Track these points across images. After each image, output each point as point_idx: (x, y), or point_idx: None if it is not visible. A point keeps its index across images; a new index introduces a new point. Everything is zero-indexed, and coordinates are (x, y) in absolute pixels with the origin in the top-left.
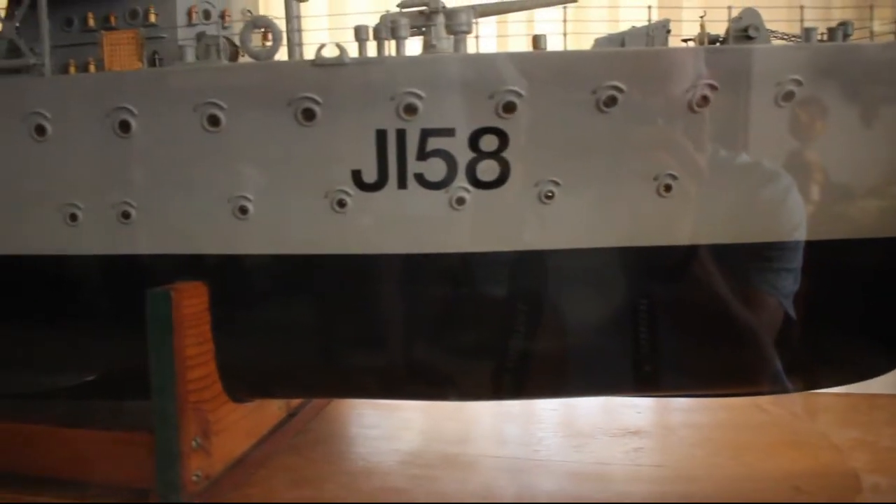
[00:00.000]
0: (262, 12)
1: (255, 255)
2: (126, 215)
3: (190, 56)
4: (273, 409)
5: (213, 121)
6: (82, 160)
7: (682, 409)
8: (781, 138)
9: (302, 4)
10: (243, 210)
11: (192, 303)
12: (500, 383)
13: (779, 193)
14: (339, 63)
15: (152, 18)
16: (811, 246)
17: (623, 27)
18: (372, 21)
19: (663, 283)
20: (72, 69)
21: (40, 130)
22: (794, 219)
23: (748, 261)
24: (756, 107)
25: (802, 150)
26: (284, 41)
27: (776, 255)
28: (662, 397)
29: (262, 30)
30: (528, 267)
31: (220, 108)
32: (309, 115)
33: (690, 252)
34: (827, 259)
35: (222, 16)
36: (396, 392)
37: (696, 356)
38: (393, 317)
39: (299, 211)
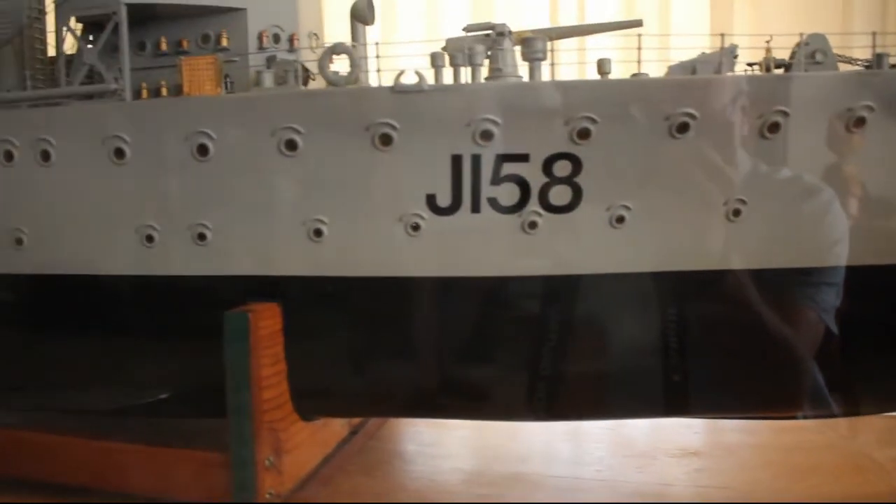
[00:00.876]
0: (326, 36)
1: (328, 276)
2: (202, 237)
3: (268, 81)
4: (336, 427)
5: (291, 145)
6: (160, 183)
7: (736, 430)
8: (850, 164)
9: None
10: (318, 233)
11: (267, 324)
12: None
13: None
14: (418, 90)
15: (224, 42)
16: (871, 270)
17: (675, 53)
18: (425, 45)
19: (727, 307)
20: (144, 93)
21: (119, 154)
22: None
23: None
24: (825, 132)
25: (869, 176)
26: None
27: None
28: (716, 419)
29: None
30: (599, 290)
31: (298, 132)
32: (386, 140)
33: (757, 277)
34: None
35: (291, 39)
36: (465, 412)
37: (752, 378)
38: (464, 337)
39: (373, 234)
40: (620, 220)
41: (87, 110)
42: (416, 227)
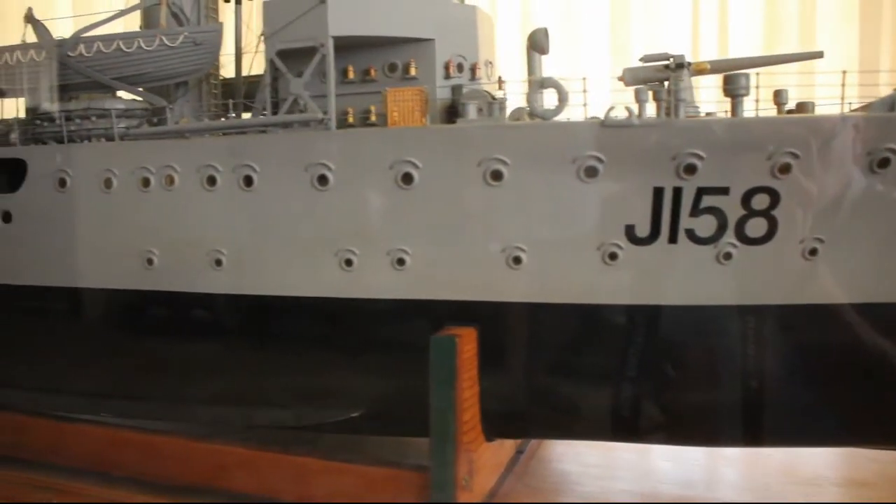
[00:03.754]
0: (498, 64)
1: (524, 303)
2: (401, 262)
3: (472, 112)
4: (507, 447)
5: (496, 175)
6: (362, 209)
7: (884, 461)
8: None
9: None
10: (517, 260)
11: (468, 348)
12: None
13: None
14: (629, 125)
15: (412, 72)
16: None
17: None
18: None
19: None
20: None
21: (322, 180)
22: None
23: None
24: None
25: None
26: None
27: None
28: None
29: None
30: (793, 320)
31: (504, 163)
32: (591, 172)
33: None
34: None
35: (473, 69)
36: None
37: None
38: (659, 365)
39: (571, 262)
40: (813, 252)
41: (293, 138)
42: (613, 257)
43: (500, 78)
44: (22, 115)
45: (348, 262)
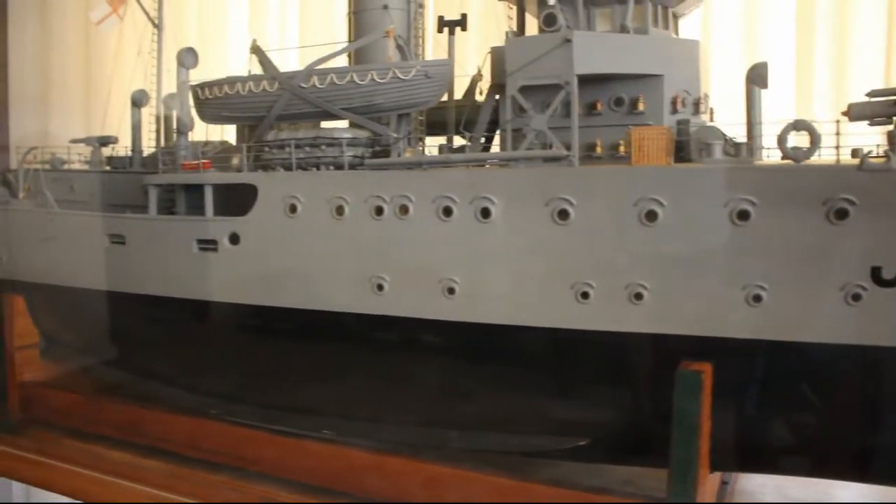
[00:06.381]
0: (712, 97)
1: (762, 340)
2: (638, 296)
3: (717, 152)
4: (716, 478)
5: (743, 215)
6: (602, 243)
7: None
8: None
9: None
10: (757, 298)
11: (707, 383)
12: None
13: None
14: (888, 169)
15: (640, 107)
16: None
17: None
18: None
19: None
20: None
21: (563, 214)
22: None
23: None
24: None
25: None
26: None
27: None
28: None
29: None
30: None
31: (752, 203)
32: (842, 214)
33: None
34: None
35: (696, 103)
36: None
37: None
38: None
39: (812, 302)
40: None
41: (536, 173)
42: (856, 297)
43: (711, 109)
44: (222, 140)
45: (584, 295)
